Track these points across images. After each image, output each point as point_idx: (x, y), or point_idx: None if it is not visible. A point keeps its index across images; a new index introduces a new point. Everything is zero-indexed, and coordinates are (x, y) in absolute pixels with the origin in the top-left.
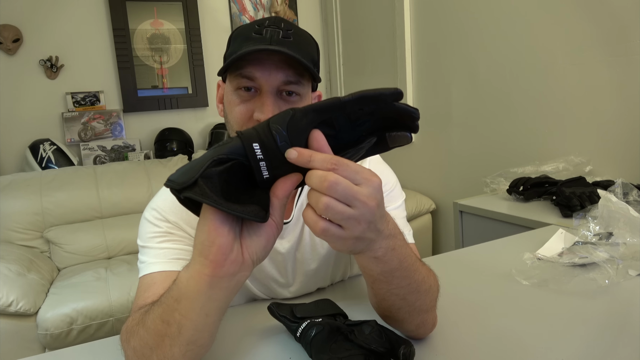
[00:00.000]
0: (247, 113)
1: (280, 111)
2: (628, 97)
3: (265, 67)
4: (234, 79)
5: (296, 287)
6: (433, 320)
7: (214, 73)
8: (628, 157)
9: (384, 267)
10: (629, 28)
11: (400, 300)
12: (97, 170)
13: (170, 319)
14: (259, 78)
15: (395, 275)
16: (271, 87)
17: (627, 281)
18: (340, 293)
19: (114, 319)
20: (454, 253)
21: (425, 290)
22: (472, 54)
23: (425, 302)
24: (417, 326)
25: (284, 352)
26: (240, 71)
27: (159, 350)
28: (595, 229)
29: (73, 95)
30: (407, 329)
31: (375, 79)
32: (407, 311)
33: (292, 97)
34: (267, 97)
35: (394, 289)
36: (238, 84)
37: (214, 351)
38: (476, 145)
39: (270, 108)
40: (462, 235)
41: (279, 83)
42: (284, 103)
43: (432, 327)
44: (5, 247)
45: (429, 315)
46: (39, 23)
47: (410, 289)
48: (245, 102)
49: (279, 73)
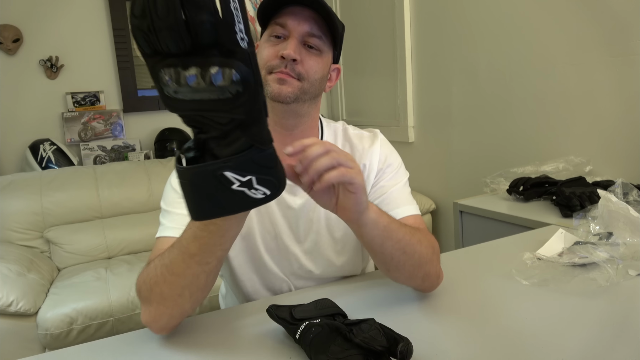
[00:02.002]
0: (274, 53)
1: (301, 54)
2: (628, 97)
3: (297, 16)
4: (269, 27)
5: (308, 245)
6: (436, 272)
7: None
8: (628, 157)
9: (383, 220)
10: (629, 28)
11: (402, 254)
12: (97, 170)
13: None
14: (289, 24)
15: (392, 228)
16: (298, 33)
17: (627, 281)
18: (339, 292)
19: (114, 319)
20: (454, 253)
21: (418, 242)
22: (472, 54)
23: (423, 254)
24: (422, 279)
25: (284, 352)
26: (275, 19)
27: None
28: (595, 229)
29: (73, 95)
30: (416, 284)
31: (375, 79)
32: (411, 264)
33: (312, 50)
34: (293, 39)
35: (396, 244)
36: (272, 31)
37: (214, 351)
38: (476, 145)
39: (294, 48)
40: (462, 235)
41: (305, 32)
42: (306, 52)
43: (436, 279)
44: (5, 247)
45: (430, 266)
46: (39, 23)
47: (407, 241)
48: (274, 45)
49: (307, 23)
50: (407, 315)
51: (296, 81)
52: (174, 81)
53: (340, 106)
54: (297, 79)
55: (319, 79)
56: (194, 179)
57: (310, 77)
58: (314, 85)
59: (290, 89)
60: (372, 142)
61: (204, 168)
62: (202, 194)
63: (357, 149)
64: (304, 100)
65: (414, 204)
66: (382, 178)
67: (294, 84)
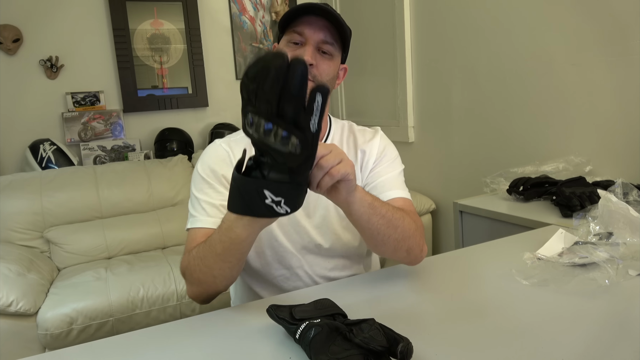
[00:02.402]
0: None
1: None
2: (628, 97)
3: (313, 26)
4: (288, 34)
5: (317, 219)
6: (419, 246)
7: (214, 73)
8: (628, 157)
9: (368, 198)
10: (629, 28)
11: (387, 229)
12: (97, 170)
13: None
14: (306, 33)
15: (377, 205)
16: (314, 41)
17: (627, 281)
18: (339, 292)
19: (114, 319)
20: (454, 253)
21: (401, 218)
22: (472, 54)
23: (406, 229)
24: (407, 252)
25: (284, 353)
26: (294, 28)
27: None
28: (595, 229)
29: (73, 95)
30: (401, 256)
31: (375, 79)
32: (395, 238)
33: (325, 55)
34: (310, 46)
35: (381, 219)
36: (290, 38)
37: (214, 351)
38: (476, 145)
39: (310, 54)
40: (462, 235)
41: (320, 40)
42: (320, 56)
43: (419, 252)
44: (5, 247)
45: (413, 241)
46: (39, 23)
47: (391, 216)
48: (292, 50)
49: (322, 32)
50: (407, 315)
51: (311, 83)
52: (255, 124)
53: (340, 106)
54: (312, 81)
55: (330, 79)
56: (242, 185)
57: (323, 78)
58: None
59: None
60: (373, 135)
61: (252, 181)
62: (243, 197)
63: (359, 140)
64: None
65: (405, 190)
66: (378, 165)
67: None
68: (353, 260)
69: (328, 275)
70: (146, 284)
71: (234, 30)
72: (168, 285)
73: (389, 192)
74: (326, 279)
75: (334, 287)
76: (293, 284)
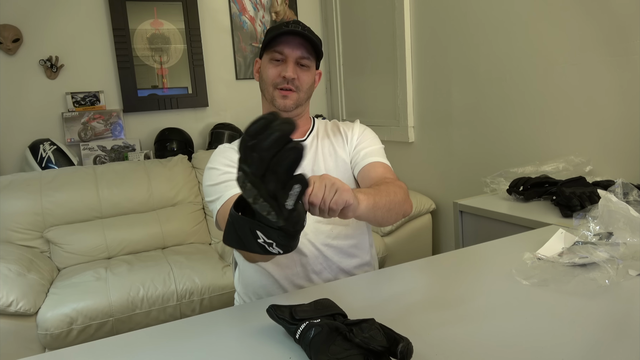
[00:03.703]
0: (277, 73)
1: (296, 73)
2: (628, 97)
3: (291, 45)
4: (270, 53)
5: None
6: (410, 205)
7: (214, 73)
8: (628, 157)
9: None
10: (629, 28)
11: (387, 212)
12: (97, 170)
13: None
14: (286, 51)
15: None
16: (293, 58)
17: (627, 281)
18: (339, 292)
19: (114, 319)
20: (454, 253)
21: (394, 194)
22: (472, 54)
23: (400, 201)
24: (403, 215)
25: (284, 352)
26: (275, 48)
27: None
28: (595, 229)
29: (73, 95)
30: (398, 220)
31: (375, 79)
32: (395, 213)
33: (303, 67)
34: (290, 63)
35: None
36: (272, 56)
37: (214, 351)
38: (476, 145)
39: (292, 69)
40: (462, 235)
41: (298, 56)
42: (299, 69)
43: (410, 209)
44: (5, 247)
45: (406, 205)
46: (39, 23)
47: (389, 201)
48: (276, 67)
49: (299, 50)
50: (407, 315)
51: (295, 94)
52: (240, 179)
53: (340, 106)
54: (295, 91)
55: (309, 87)
56: (237, 222)
57: (303, 87)
58: (307, 92)
59: (291, 101)
60: (353, 123)
61: (247, 221)
62: (237, 232)
63: (342, 127)
64: (300, 105)
65: (386, 160)
66: (361, 142)
67: (293, 97)
68: (353, 227)
69: (331, 243)
70: (146, 284)
71: (234, 30)
72: (168, 285)
73: (371, 158)
74: (330, 247)
75: (334, 287)
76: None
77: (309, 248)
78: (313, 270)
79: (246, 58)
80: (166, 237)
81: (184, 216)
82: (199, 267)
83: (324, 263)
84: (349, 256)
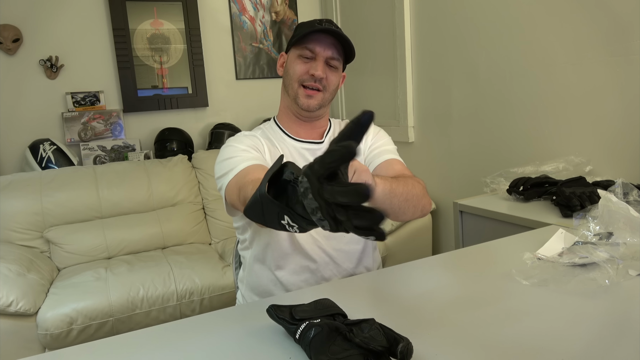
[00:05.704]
0: (305, 69)
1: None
2: (628, 97)
3: (323, 44)
4: (299, 49)
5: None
6: (429, 202)
7: (214, 73)
8: (628, 157)
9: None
10: (629, 28)
11: (405, 202)
12: (97, 170)
13: None
14: (317, 49)
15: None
16: (323, 57)
17: (627, 281)
18: (339, 292)
19: (114, 319)
20: (454, 253)
21: (412, 187)
22: (472, 54)
23: (418, 194)
24: (421, 211)
25: (284, 353)
26: (306, 45)
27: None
28: (595, 229)
29: (73, 95)
30: (416, 216)
31: (375, 79)
32: (412, 205)
33: (332, 68)
34: (320, 62)
35: (399, 197)
36: (302, 52)
37: (214, 351)
38: (476, 145)
39: (321, 68)
40: (462, 235)
41: (328, 56)
42: (328, 69)
43: (429, 206)
44: (5, 247)
45: (424, 200)
46: (39, 23)
47: (407, 191)
48: (304, 63)
49: (330, 50)
50: (407, 315)
51: (320, 94)
52: (303, 186)
53: (340, 106)
54: (321, 91)
55: (335, 88)
56: (266, 204)
57: (330, 88)
58: (332, 93)
59: (316, 102)
60: None
61: (277, 204)
62: (263, 210)
63: None
64: (323, 106)
65: (400, 158)
66: (376, 141)
67: (318, 97)
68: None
69: (344, 248)
70: (146, 284)
71: (234, 30)
72: (168, 285)
73: (389, 156)
74: (341, 252)
75: (334, 287)
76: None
77: (319, 255)
78: (323, 277)
79: (246, 58)
80: (166, 237)
81: (184, 216)
82: (199, 267)
83: (334, 269)
84: (358, 261)
